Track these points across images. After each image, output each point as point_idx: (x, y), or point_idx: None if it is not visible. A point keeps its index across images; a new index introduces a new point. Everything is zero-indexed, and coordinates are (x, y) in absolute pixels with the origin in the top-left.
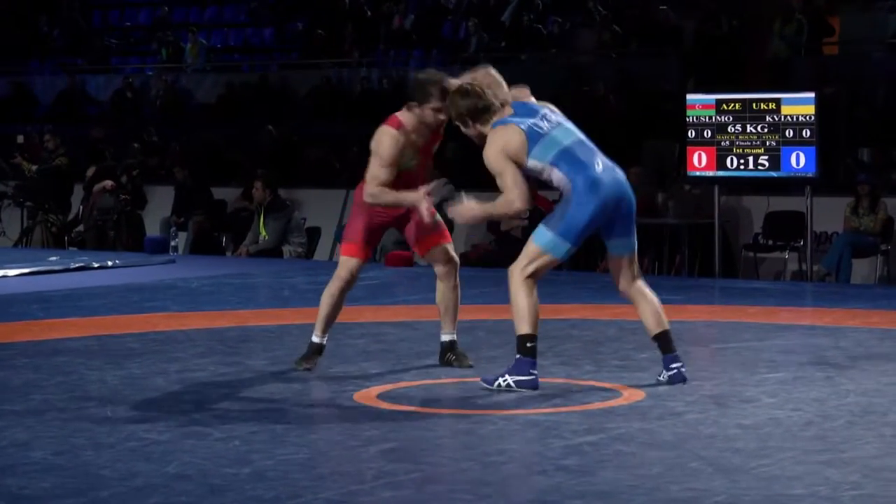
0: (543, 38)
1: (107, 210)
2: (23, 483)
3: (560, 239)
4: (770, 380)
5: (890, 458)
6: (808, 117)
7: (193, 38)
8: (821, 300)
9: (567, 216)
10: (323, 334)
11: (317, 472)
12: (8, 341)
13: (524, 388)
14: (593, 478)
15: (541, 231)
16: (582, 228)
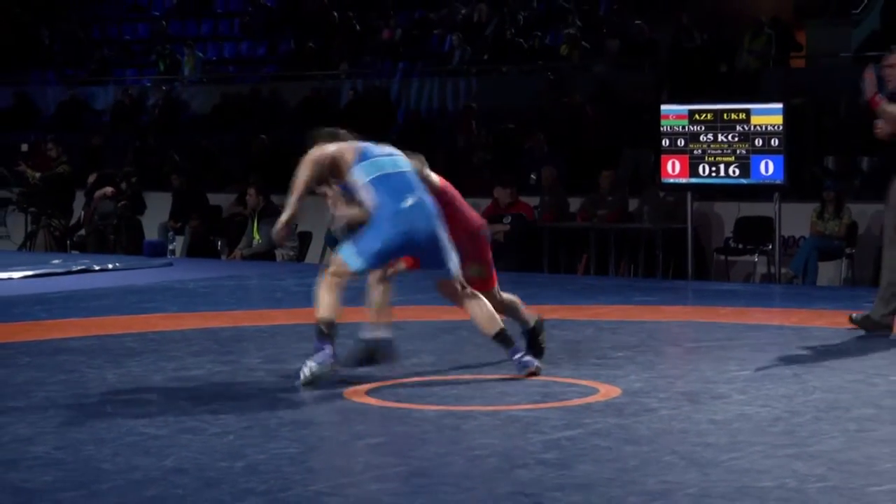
0: (525, 52)
1: (107, 215)
2: (25, 477)
3: (356, 255)
4: (740, 377)
5: (854, 452)
6: (777, 127)
7: (189, 51)
8: (789, 301)
9: (366, 237)
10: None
11: (307, 465)
12: (11, 341)
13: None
14: (572, 471)
15: (347, 243)
16: (376, 252)
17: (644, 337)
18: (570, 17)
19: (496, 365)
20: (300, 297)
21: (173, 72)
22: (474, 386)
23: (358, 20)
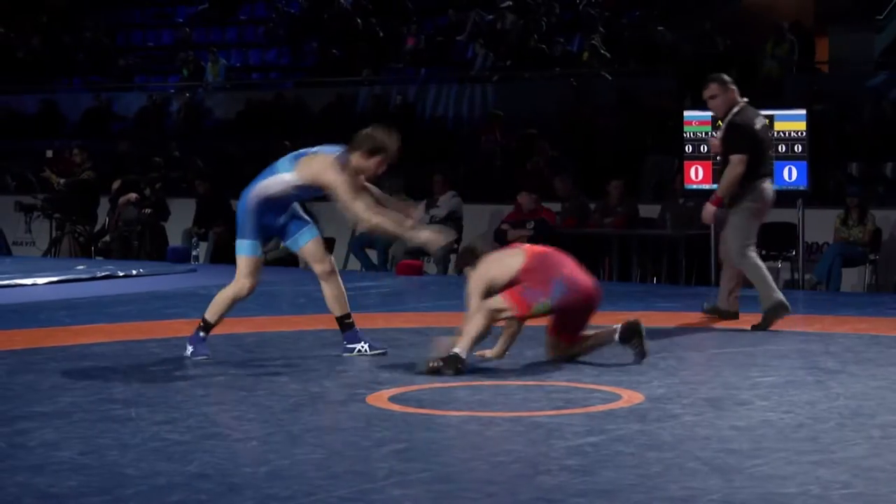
0: (548, 58)
1: (131, 221)
2: (51, 482)
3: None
4: (763, 383)
5: (878, 459)
6: (800, 133)
7: (213, 58)
8: (812, 307)
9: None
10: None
11: (331, 471)
12: (37, 346)
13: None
14: (595, 477)
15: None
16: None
17: (667, 343)
18: (593, 23)
19: (519, 371)
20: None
21: (197, 78)
22: (497, 392)
23: (381, 27)
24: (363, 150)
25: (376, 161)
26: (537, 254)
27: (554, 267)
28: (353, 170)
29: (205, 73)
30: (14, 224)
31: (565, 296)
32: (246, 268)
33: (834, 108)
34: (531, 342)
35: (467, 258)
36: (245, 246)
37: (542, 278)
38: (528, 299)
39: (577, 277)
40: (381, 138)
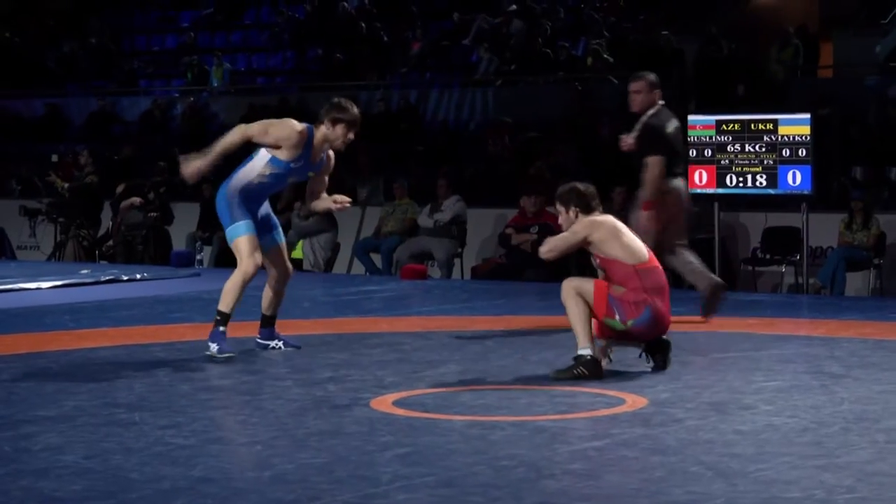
0: (552, 63)
1: (135, 225)
2: (55, 486)
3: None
4: (767, 388)
5: (883, 463)
6: (804, 137)
7: (218, 62)
8: (816, 312)
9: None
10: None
11: (335, 475)
12: (41, 350)
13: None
14: (599, 481)
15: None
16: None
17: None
18: (597, 28)
19: (523, 375)
20: (328, 306)
21: (201, 83)
22: (501, 396)
23: (385, 31)
24: (326, 121)
25: (341, 129)
26: (654, 267)
27: (654, 291)
28: (321, 141)
29: (209, 77)
30: (18, 228)
31: (645, 326)
32: (245, 247)
33: (838, 113)
34: (536, 346)
35: (574, 201)
36: (239, 227)
37: (639, 298)
38: (610, 312)
39: (663, 311)
40: (341, 107)
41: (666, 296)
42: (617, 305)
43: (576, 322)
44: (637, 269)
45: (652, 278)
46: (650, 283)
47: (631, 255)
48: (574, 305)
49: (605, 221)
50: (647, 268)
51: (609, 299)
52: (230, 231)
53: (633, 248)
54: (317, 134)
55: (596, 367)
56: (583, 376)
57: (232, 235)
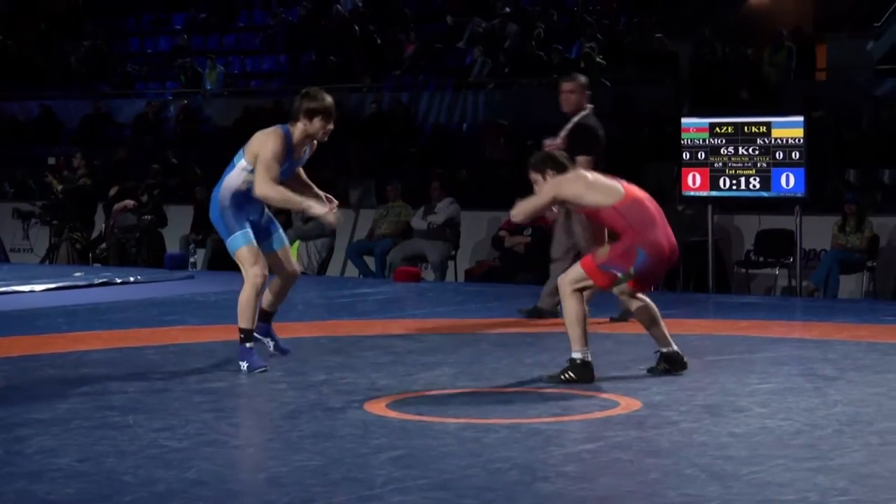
0: (546, 65)
1: (128, 228)
2: (49, 489)
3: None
4: (761, 390)
5: (876, 465)
6: (798, 140)
7: (212, 65)
8: (810, 314)
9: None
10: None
11: (329, 478)
12: (35, 353)
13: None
14: (593, 484)
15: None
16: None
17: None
18: (590, 30)
19: (517, 378)
20: (321, 309)
21: (195, 85)
22: (495, 399)
23: (379, 34)
24: (301, 116)
25: (319, 121)
26: (633, 200)
27: (641, 225)
28: (301, 138)
29: (202, 79)
30: (12, 231)
31: (646, 262)
32: (248, 258)
33: (832, 115)
34: (530, 349)
35: (548, 164)
36: (237, 238)
37: (627, 244)
38: (610, 276)
39: (659, 241)
40: (314, 98)
41: (656, 224)
42: (610, 266)
43: (570, 323)
44: (617, 209)
45: (634, 212)
46: (634, 218)
47: (607, 196)
48: (570, 305)
49: (568, 176)
50: (626, 203)
51: (600, 269)
52: (229, 243)
53: (606, 189)
54: (294, 132)
55: (586, 371)
56: (571, 381)
57: (232, 247)
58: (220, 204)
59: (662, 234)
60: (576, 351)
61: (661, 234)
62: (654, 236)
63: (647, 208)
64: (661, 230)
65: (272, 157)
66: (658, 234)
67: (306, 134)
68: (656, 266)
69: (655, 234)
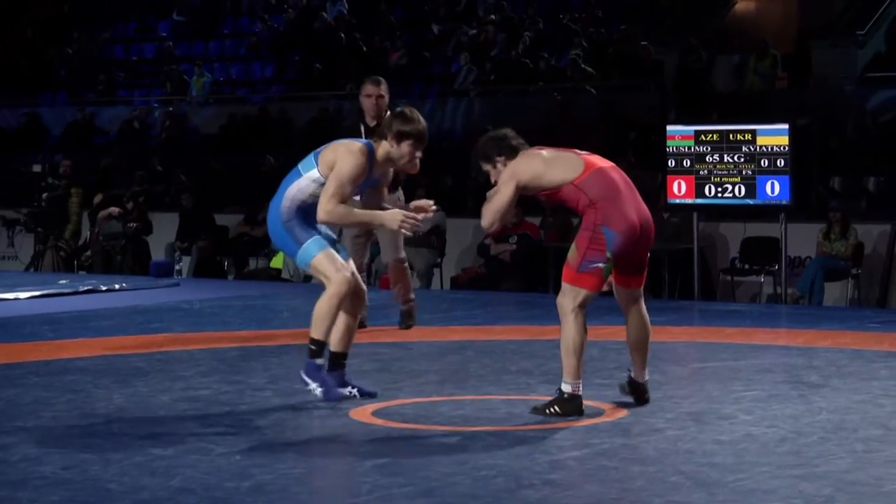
0: (532, 73)
1: (114, 236)
2: (33, 497)
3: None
4: (746, 397)
5: (861, 473)
6: (783, 147)
7: (199, 72)
8: (795, 321)
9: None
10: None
11: (314, 485)
12: (19, 361)
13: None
14: (578, 491)
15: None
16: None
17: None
18: (576, 38)
19: (502, 385)
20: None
21: (181, 92)
22: (480, 406)
23: (365, 41)
24: (391, 136)
25: (408, 146)
26: (596, 171)
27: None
28: (384, 160)
29: (189, 86)
30: None
31: (617, 241)
32: (327, 265)
33: (816, 123)
34: (515, 356)
35: (498, 147)
36: (309, 247)
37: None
38: (594, 273)
39: (626, 215)
40: (407, 119)
41: (621, 195)
42: (588, 263)
43: (566, 351)
44: (577, 185)
45: (596, 185)
46: (596, 192)
47: (567, 171)
48: (569, 331)
49: (521, 158)
50: (585, 177)
51: (581, 272)
52: (300, 256)
53: (566, 163)
54: (378, 151)
55: (573, 405)
56: (555, 415)
57: (304, 259)
58: (282, 217)
59: (631, 207)
60: (566, 382)
61: (629, 206)
62: (620, 210)
63: (611, 179)
64: (629, 202)
65: (348, 179)
66: (625, 206)
67: (390, 157)
68: (628, 243)
69: (621, 208)
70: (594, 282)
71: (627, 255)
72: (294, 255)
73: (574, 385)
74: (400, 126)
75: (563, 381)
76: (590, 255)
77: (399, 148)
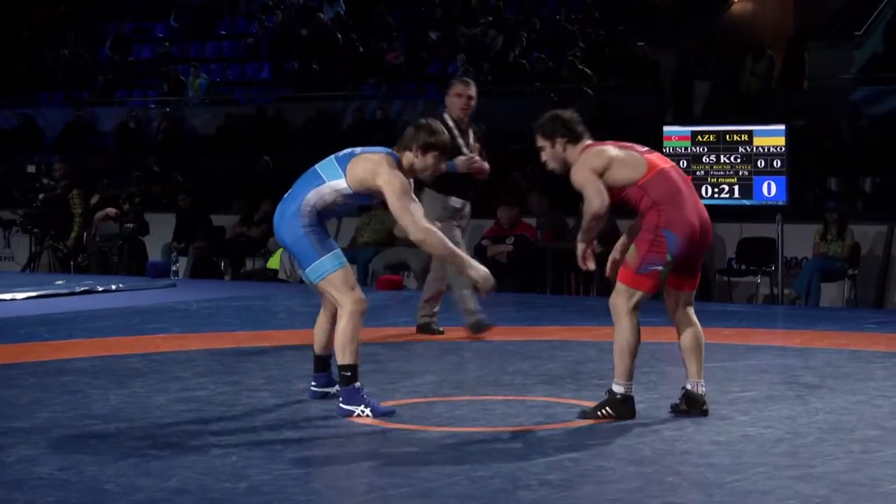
0: (528, 73)
1: (110, 236)
2: (29, 498)
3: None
4: (743, 398)
5: (857, 473)
6: (779, 148)
7: (195, 73)
8: (791, 322)
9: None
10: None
11: (311, 486)
12: (16, 361)
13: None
14: (575, 492)
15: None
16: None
17: (647, 358)
18: (573, 39)
19: (499, 386)
20: (304, 317)
21: (178, 93)
22: (478, 407)
23: (361, 42)
24: (415, 147)
25: (433, 158)
26: (658, 172)
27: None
28: (407, 170)
29: (185, 87)
30: None
31: (679, 244)
32: (344, 284)
33: (813, 124)
34: (512, 357)
35: (564, 128)
36: (327, 262)
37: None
38: (652, 275)
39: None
40: (433, 131)
41: (683, 196)
42: (648, 265)
43: (620, 352)
44: (641, 185)
45: (660, 187)
46: (659, 193)
47: (633, 171)
48: (624, 332)
49: (591, 154)
50: (648, 178)
51: (640, 274)
52: (315, 268)
53: (630, 164)
54: (402, 161)
55: (626, 407)
56: (608, 418)
57: (319, 273)
58: (302, 222)
59: (692, 209)
60: (618, 384)
61: (690, 208)
62: (682, 212)
63: (673, 181)
64: (690, 204)
65: (407, 195)
66: (686, 209)
67: (413, 168)
68: (689, 246)
69: (682, 211)
70: (651, 284)
71: (687, 258)
72: (307, 265)
73: (627, 386)
74: (426, 138)
75: (616, 383)
76: (650, 258)
77: (424, 159)
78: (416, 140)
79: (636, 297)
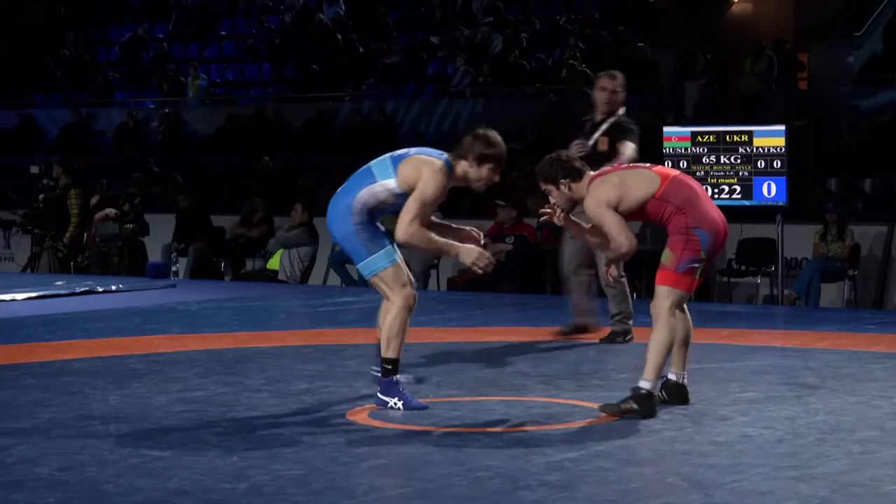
0: (527, 74)
1: (110, 237)
2: (29, 498)
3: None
4: (743, 399)
5: (857, 474)
6: (779, 149)
7: (195, 73)
8: (791, 323)
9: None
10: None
11: (311, 487)
12: (16, 362)
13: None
14: (575, 493)
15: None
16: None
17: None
18: (571, 39)
19: (498, 386)
20: (304, 318)
21: (177, 94)
22: (476, 407)
23: (361, 43)
24: (472, 157)
25: (488, 170)
26: (671, 181)
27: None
28: (460, 179)
29: (185, 88)
30: None
31: (709, 241)
32: (396, 279)
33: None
34: (512, 357)
35: (564, 169)
36: (379, 258)
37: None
38: (690, 273)
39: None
40: (490, 142)
41: (700, 197)
42: (686, 264)
43: (655, 349)
44: (659, 197)
45: (676, 193)
46: (678, 199)
47: (647, 187)
48: (664, 331)
49: (599, 187)
50: (665, 188)
51: (680, 273)
52: (368, 264)
53: (641, 181)
54: (456, 169)
55: (650, 403)
56: (631, 412)
57: (372, 269)
58: (353, 220)
59: (712, 208)
60: (646, 380)
61: (711, 207)
62: (705, 211)
63: (688, 184)
64: (709, 203)
65: (432, 201)
66: (707, 207)
67: (467, 178)
68: (718, 242)
69: (705, 210)
70: (689, 282)
71: (714, 254)
72: (359, 262)
73: (654, 384)
74: (483, 149)
75: (644, 379)
76: (686, 256)
77: (479, 170)
78: (472, 150)
79: (677, 297)
